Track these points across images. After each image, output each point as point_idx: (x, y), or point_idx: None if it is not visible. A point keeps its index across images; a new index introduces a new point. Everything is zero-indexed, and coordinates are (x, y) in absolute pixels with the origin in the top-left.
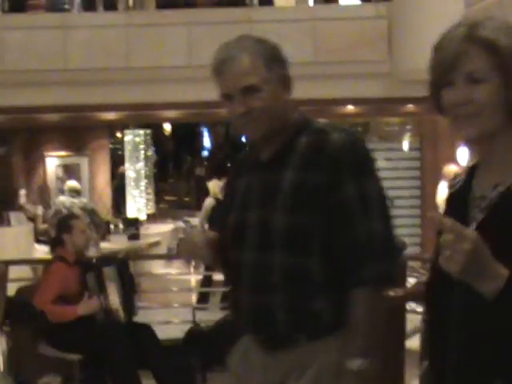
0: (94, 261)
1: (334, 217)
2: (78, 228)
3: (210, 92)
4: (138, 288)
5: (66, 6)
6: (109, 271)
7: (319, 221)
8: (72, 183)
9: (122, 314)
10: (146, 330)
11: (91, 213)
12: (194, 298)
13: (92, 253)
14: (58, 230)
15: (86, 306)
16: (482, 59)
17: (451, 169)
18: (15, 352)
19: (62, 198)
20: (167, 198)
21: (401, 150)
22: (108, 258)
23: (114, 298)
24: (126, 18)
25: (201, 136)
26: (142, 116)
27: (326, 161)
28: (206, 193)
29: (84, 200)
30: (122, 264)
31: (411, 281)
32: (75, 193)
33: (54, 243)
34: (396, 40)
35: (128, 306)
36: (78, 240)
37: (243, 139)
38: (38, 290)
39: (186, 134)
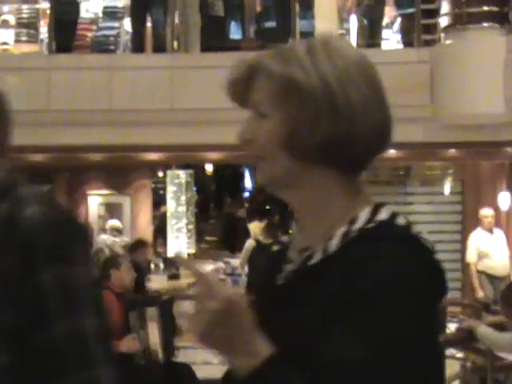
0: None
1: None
2: (125, 265)
3: None
4: (178, 330)
5: (111, 47)
6: (151, 311)
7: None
8: (114, 222)
9: (161, 354)
10: (186, 369)
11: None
12: None
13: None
14: (105, 266)
15: (129, 343)
16: (264, 89)
17: (486, 213)
18: None
19: (104, 237)
20: (208, 238)
21: (442, 193)
22: (151, 298)
23: (155, 338)
24: (172, 59)
25: (242, 177)
26: (184, 157)
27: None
28: (247, 234)
29: (125, 239)
30: (165, 305)
31: (451, 326)
32: (116, 231)
33: (102, 275)
34: (438, 85)
35: (168, 347)
36: (125, 276)
37: None
38: None
39: (228, 174)
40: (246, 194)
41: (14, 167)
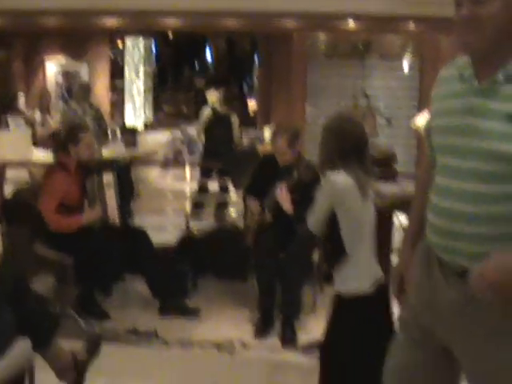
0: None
1: None
2: (84, 141)
3: (210, 1)
4: (135, 194)
5: None
6: (108, 177)
7: None
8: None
9: (117, 218)
10: (141, 234)
11: (101, 119)
12: (187, 205)
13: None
14: (66, 139)
15: (89, 216)
16: None
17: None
18: (10, 251)
19: (75, 105)
20: (165, 107)
21: (401, 69)
22: (108, 164)
23: (112, 203)
24: None
25: (202, 48)
26: (144, 23)
27: None
28: (205, 103)
29: (95, 105)
30: (122, 170)
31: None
32: (84, 93)
33: (59, 149)
34: None
35: (124, 211)
36: (82, 153)
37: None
38: (40, 197)
39: (188, 45)
40: (205, 65)
41: None
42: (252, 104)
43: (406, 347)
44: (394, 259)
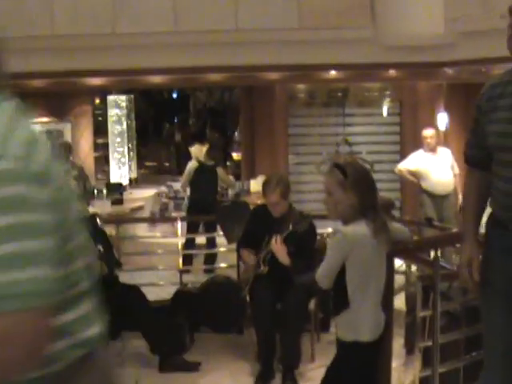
0: None
1: None
2: None
3: (192, 58)
4: (112, 242)
5: None
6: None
7: None
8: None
9: (105, 268)
10: (135, 291)
11: (85, 178)
12: (180, 260)
13: None
14: None
15: None
16: None
17: (426, 133)
18: None
19: None
20: (148, 163)
21: (380, 115)
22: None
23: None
24: None
25: (179, 103)
26: (125, 82)
27: None
28: (186, 158)
29: (78, 164)
30: (89, 221)
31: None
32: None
33: None
34: (378, 5)
35: (109, 260)
36: None
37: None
38: None
39: (166, 100)
40: (183, 120)
41: None
42: (235, 155)
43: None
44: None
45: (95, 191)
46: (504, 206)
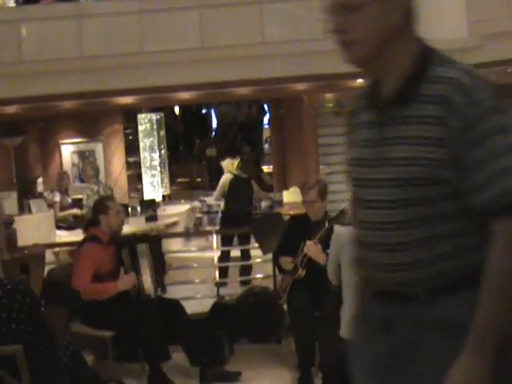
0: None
1: None
2: (113, 209)
3: (220, 73)
4: (167, 267)
5: None
6: (142, 248)
7: None
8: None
9: (153, 290)
10: (176, 305)
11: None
12: (216, 273)
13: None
14: (94, 211)
15: (125, 281)
16: None
17: None
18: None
19: (90, 185)
20: (180, 179)
21: None
22: (141, 236)
23: (146, 274)
24: (139, 4)
25: (209, 117)
26: (155, 99)
27: None
28: (218, 173)
29: (107, 185)
30: (154, 241)
31: None
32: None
33: (89, 224)
34: None
35: (159, 283)
36: (113, 220)
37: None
38: (73, 272)
39: (195, 116)
40: (213, 134)
41: None
42: (266, 169)
43: None
44: None
45: (129, 209)
46: None
